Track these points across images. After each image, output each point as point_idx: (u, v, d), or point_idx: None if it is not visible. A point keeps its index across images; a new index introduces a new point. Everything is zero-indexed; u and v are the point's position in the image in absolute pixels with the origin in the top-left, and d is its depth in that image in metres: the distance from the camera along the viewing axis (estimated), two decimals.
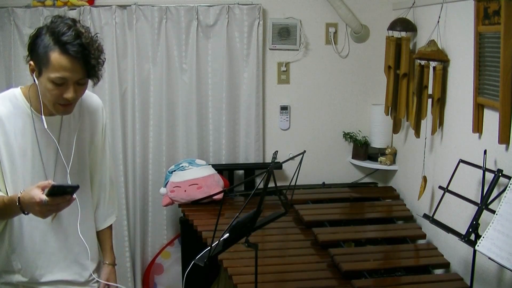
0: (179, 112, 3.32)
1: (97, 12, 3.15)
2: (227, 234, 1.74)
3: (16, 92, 1.76)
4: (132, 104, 3.29)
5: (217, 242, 1.72)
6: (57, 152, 1.77)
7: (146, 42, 3.23)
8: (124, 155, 3.32)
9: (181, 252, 3.22)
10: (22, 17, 3.10)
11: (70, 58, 1.58)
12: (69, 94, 1.63)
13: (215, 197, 3.03)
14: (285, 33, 3.32)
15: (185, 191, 3.05)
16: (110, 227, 2.09)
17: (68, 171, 1.78)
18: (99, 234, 2.04)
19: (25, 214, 1.58)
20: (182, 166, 3.15)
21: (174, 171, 3.15)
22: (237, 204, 3.19)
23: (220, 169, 3.28)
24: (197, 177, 3.08)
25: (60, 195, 1.51)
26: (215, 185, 3.09)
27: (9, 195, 1.69)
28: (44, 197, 1.48)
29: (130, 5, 3.18)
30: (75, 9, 3.12)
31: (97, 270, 2.00)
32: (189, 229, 2.92)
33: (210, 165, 3.24)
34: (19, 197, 1.54)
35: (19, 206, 1.54)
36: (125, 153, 3.32)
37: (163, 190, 3.18)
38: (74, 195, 1.55)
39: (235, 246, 1.88)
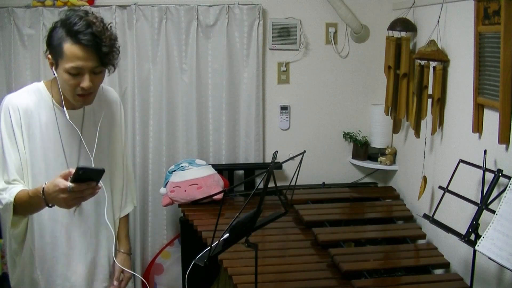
0: (179, 112, 3.32)
1: (97, 12, 3.12)
2: (227, 234, 1.74)
3: (39, 86, 1.79)
4: (132, 104, 3.29)
5: (217, 242, 1.72)
6: (79, 145, 1.80)
7: (146, 42, 3.23)
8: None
9: (181, 252, 3.22)
10: (22, 17, 3.10)
11: (82, 47, 1.61)
12: (85, 83, 1.65)
13: (215, 197, 3.03)
14: (285, 33, 3.32)
15: (185, 191, 3.05)
16: (127, 216, 2.12)
17: (92, 162, 1.79)
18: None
19: (49, 206, 1.57)
20: (182, 166, 3.15)
21: (174, 171, 3.15)
22: (237, 204, 3.19)
23: (220, 169, 3.28)
24: (197, 177, 3.08)
25: (85, 181, 1.48)
26: (215, 185, 3.09)
27: (31, 188, 1.69)
28: (68, 183, 1.47)
29: (130, 5, 3.18)
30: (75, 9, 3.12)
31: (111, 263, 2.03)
32: (189, 229, 2.92)
33: (210, 165, 3.24)
34: (43, 188, 1.53)
35: (43, 197, 1.53)
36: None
37: (163, 190, 3.18)
38: (100, 184, 1.53)
39: (235, 246, 1.88)
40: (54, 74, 1.70)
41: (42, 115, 1.74)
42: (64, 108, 1.73)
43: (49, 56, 1.69)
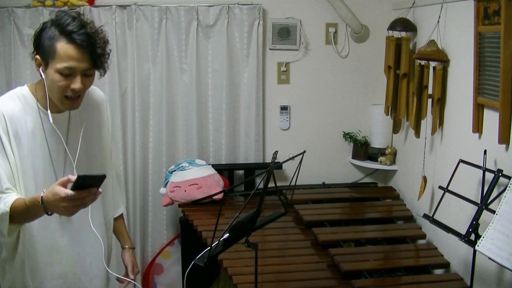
0: (179, 112, 3.32)
1: (97, 12, 3.15)
2: (227, 234, 1.74)
3: (23, 90, 1.75)
4: (132, 104, 3.29)
5: (217, 242, 1.72)
6: (65, 149, 1.76)
7: (146, 42, 3.23)
8: (124, 155, 3.32)
9: (181, 252, 3.23)
10: (22, 17, 3.10)
11: (77, 47, 1.59)
12: (76, 85, 1.62)
13: (215, 197, 3.03)
14: (285, 33, 3.32)
15: (185, 191, 3.05)
16: (121, 214, 2.12)
17: (74, 167, 1.76)
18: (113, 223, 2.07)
19: (48, 214, 1.54)
20: (182, 166, 3.15)
21: (174, 171, 3.15)
22: (237, 204, 3.19)
23: (220, 169, 3.28)
24: (197, 177, 3.08)
25: (86, 187, 1.45)
26: (215, 185, 3.09)
27: (22, 196, 1.66)
28: (69, 191, 1.44)
29: (130, 5, 3.18)
30: (75, 9, 3.11)
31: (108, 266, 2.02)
32: (189, 229, 2.92)
33: (210, 165, 3.24)
34: (42, 197, 1.50)
35: (42, 206, 1.50)
36: (125, 153, 3.32)
37: (163, 190, 3.18)
38: (100, 189, 1.49)
39: (235, 246, 1.88)
40: (41, 75, 1.66)
41: (28, 121, 1.70)
42: (49, 111, 1.68)
43: (37, 56, 1.65)
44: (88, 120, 1.86)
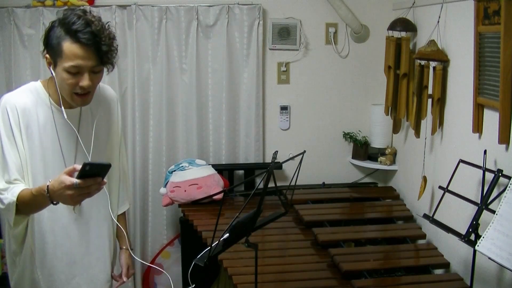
0: (179, 112, 3.32)
1: (97, 12, 3.14)
2: (227, 234, 1.74)
3: (36, 85, 1.78)
4: (132, 104, 3.29)
5: (217, 242, 1.72)
6: (76, 144, 1.79)
7: (146, 42, 3.23)
8: None
9: (181, 252, 3.23)
10: (22, 17, 3.10)
11: (82, 46, 1.61)
12: (84, 82, 1.65)
13: (215, 197, 3.03)
14: (285, 33, 3.32)
15: (185, 191, 3.05)
16: (124, 213, 2.13)
17: (89, 160, 1.78)
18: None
19: (54, 204, 1.56)
20: (182, 166, 3.15)
21: (174, 171, 3.15)
22: (237, 204, 3.19)
23: (220, 169, 3.29)
24: (197, 177, 3.08)
25: (91, 176, 1.47)
26: (215, 185, 3.09)
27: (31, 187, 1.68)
28: (74, 179, 1.46)
29: (130, 5, 3.18)
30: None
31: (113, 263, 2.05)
32: (189, 229, 2.92)
33: (210, 165, 3.24)
34: (48, 186, 1.52)
35: (48, 195, 1.52)
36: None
37: (163, 190, 3.18)
38: (105, 179, 1.52)
39: (235, 246, 1.88)
40: (51, 73, 1.70)
41: (40, 114, 1.74)
42: (62, 107, 1.73)
43: (47, 55, 1.69)
44: (98, 116, 1.88)
